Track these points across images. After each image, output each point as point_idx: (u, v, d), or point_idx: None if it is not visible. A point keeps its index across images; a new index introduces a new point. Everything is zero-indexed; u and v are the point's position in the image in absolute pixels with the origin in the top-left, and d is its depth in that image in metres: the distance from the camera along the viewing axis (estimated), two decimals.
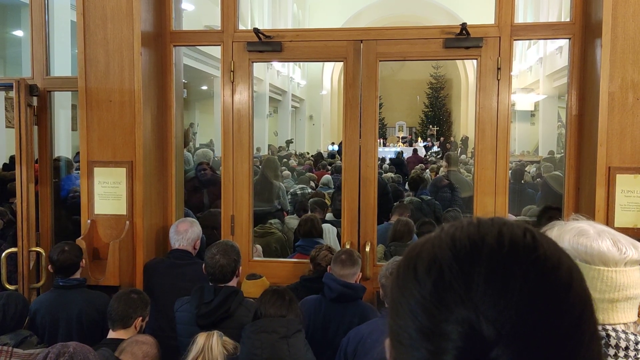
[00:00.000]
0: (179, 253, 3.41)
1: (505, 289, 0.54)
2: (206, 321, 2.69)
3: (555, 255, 0.59)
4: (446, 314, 0.55)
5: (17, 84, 3.52)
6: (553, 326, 0.54)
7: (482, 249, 0.58)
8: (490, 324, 0.53)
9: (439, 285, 0.57)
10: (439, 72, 28.11)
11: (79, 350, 1.95)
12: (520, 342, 0.53)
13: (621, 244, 1.16)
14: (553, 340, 0.54)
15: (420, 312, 0.57)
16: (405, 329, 0.58)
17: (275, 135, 20.19)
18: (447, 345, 0.54)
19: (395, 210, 5.14)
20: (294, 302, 2.58)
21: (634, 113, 3.13)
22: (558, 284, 0.57)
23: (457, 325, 0.54)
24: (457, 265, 0.57)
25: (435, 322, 0.56)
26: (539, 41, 16.00)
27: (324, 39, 3.70)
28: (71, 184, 4.84)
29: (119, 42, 3.49)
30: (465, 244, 0.59)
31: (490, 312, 0.54)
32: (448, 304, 0.55)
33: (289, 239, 5.07)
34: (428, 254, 0.61)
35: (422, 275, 0.59)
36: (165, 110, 3.80)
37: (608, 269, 1.15)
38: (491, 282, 0.55)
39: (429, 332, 0.56)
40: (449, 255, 0.58)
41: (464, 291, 0.55)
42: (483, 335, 0.53)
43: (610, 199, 3.14)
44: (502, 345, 0.53)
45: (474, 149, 3.66)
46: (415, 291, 0.59)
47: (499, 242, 0.58)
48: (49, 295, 3.21)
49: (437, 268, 0.58)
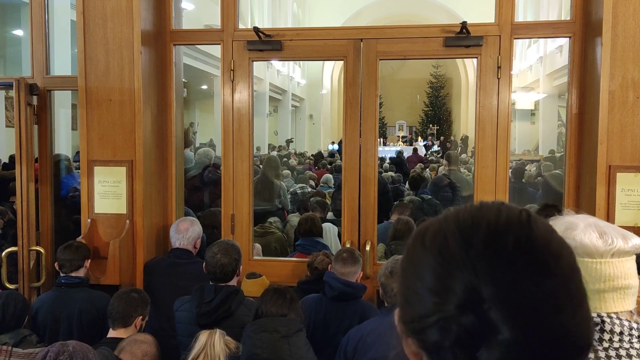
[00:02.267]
0: (179, 252, 3.41)
1: (500, 252, 0.62)
2: (206, 320, 2.69)
3: (548, 230, 0.67)
4: (450, 272, 0.63)
5: (17, 83, 3.51)
6: (540, 286, 0.61)
7: (482, 221, 0.66)
8: (486, 281, 0.61)
9: (443, 249, 0.65)
10: (439, 71, 28.09)
11: (78, 349, 1.95)
12: (510, 299, 0.60)
13: (608, 236, 1.18)
14: (539, 300, 0.60)
15: (428, 273, 0.65)
16: (414, 289, 0.67)
17: (276, 135, 20.19)
18: (450, 297, 0.62)
19: (395, 209, 5.14)
20: (295, 301, 2.57)
21: (634, 112, 3.13)
22: (548, 252, 0.64)
23: (459, 282, 0.62)
24: (459, 234, 0.66)
25: (440, 280, 0.64)
26: (539, 40, 15.99)
27: (324, 38, 3.70)
28: (71, 183, 4.83)
29: (119, 41, 3.49)
30: (467, 218, 0.68)
31: (486, 272, 0.61)
32: (451, 264, 0.64)
33: (289, 238, 5.07)
34: (435, 227, 0.70)
35: (429, 244, 0.68)
36: (165, 109, 3.80)
37: (592, 260, 1.17)
38: (488, 246, 0.63)
39: (435, 288, 0.64)
40: (452, 226, 0.67)
41: (465, 253, 0.63)
42: (480, 290, 0.61)
43: (610, 197, 3.14)
44: (495, 300, 0.60)
45: (474, 148, 3.66)
46: (423, 257, 0.67)
47: (497, 215, 0.67)
48: (51, 293, 3.21)
49: (442, 236, 0.67)
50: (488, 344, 0.60)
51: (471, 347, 0.60)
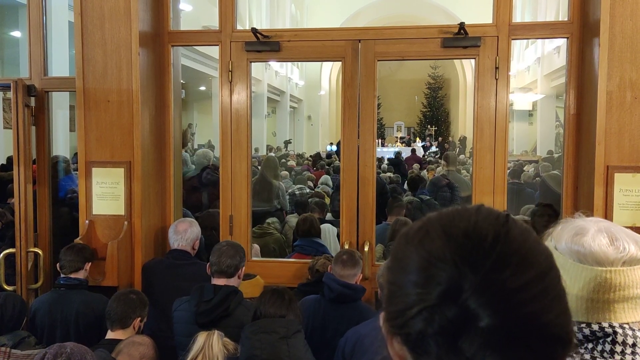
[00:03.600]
0: (177, 253, 3.41)
1: (479, 244, 0.65)
2: (205, 319, 2.68)
3: (526, 230, 0.69)
4: (432, 263, 0.65)
5: (15, 84, 3.51)
6: (517, 275, 0.63)
7: (462, 217, 0.69)
8: (465, 272, 0.63)
9: (426, 242, 0.68)
10: (437, 72, 28.10)
11: (76, 351, 1.95)
12: (488, 288, 0.62)
13: (620, 242, 1.11)
14: (516, 288, 0.62)
15: (411, 267, 0.68)
16: (399, 285, 0.69)
17: (274, 136, 20.19)
18: (433, 287, 0.64)
19: (393, 210, 5.14)
20: (294, 301, 2.57)
21: (632, 112, 3.13)
22: (525, 247, 0.66)
23: (440, 272, 0.64)
24: (440, 228, 0.69)
25: (424, 271, 0.66)
26: (537, 41, 16.01)
27: (322, 39, 3.70)
28: (69, 184, 4.83)
29: (117, 42, 3.49)
30: (449, 214, 0.71)
31: (465, 262, 0.64)
32: (432, 254, 0.66)
33: (288, 239, 5.07)
34: (417, 224, 0.73)
35: (412, 238, 0.71)
36: (164, 110, 3.80)
37: (602, 269, 1.10)
38: (467, 238, 0.66)
39: (419, 281, 0.66)
40: (435, 222, 0.71)
41: (446, 245, 0.66)
42: (460, 280, 0.63)
43: (608, 198, 3.14)
44: (474, 288, 0.62)
45: (473, 148, 3.66)
46: (407, 251, 0.70)
47: (477, 211, 0.70)
48: (50, 295, 3.21)
49: (424, 231, 0.70)
50: (469, 332, 0.61)
51: (453, 335, 0.62)
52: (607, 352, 1.07)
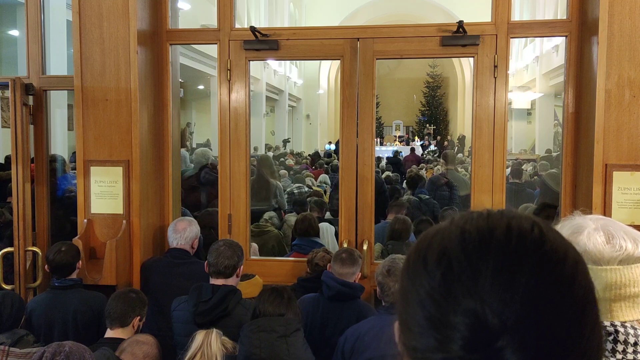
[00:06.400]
0: (176, 252, 3.40)
1: (512, 283, 0.56)
2: (204, 319, 2.68)
3: (562, 248, 0.61)
4: (454, 305, 0.57)
5: (13, 83, 3.50)
6: (556, 319, 0.56)
7: (490, 243, 0.59)
8: (495, 316, 0.55)
9: (448, 277, 0.59)
10: (436, 71, 28.12)
11: (75, 350, 1.95)
12: (523, 334, 0.55)
13: (616, 240, 1.11)
14: (555, 333, 0.55)
15: (429, 302, 0.59)
16: (414, 317, 0.61)
17: (272, 135, 20.18)
18: (454, 335, 0.56)
19: (392, 208, 5.15)
20: (293, 300, 2.57)
21: (631, 110, 3.13)
22: (562, 278, 0.58)
23: (464, 317, 0.56)
24: (465, 259, 0.59)
25: (443, 313, 0.58)
26: (535, 40, 16.01)
27: (320, 37, 3.70)
28: (64, 185, 4.82)
29: (115, 40, 3.48)
30: (474, 237, 0.61)
31: (496, 305, 0.55)
32: (456, 295, 0.57)
33: (287, 237, 5.07)
34: (438, 245, 0.63)
35: (432, 267, 0.61)
36: (162, 109, 3.79)
37: (598, 268, 1.10)
38: (498, 276, 0.57)
39: (437, 321, 0.58)
40: (458, 248, 0.60)
41: (472, 284, 0.57)
42: (488, 327, 0.55)
43: (607, 196, 3.14)
44: (507, 336, 0.54)
45: (471, 147, 3.66)
46: (425, 282, 0.61)
47: (507, 236, 0.60)
48: (45, 295, 3.20)
49: (446, 260, 0.60)
50: None
51: None
52: (608, 351, 1.06)
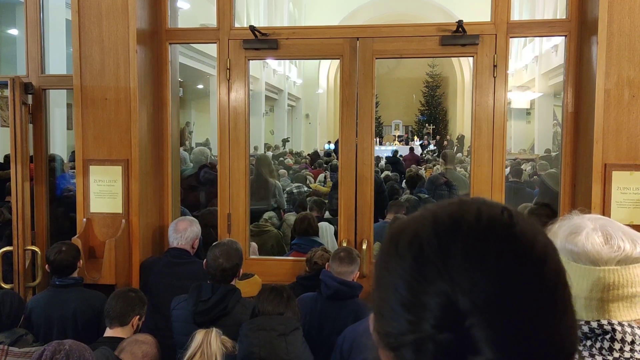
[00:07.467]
0: (176, 252, 3.40)
1: (481, 263, 0.57)
2: (203, 318, 2.68)
3: (531, 232, 0.61)
4: (425, 286, 0.58)
5: (12, 82, 3.50)
6: (524, 299, 0.57)
7: (461, 226, 0.60)
8: (465, 295, 0.56)
9: (419, 259, 0.60)
10: (435, 71, 28.12)
11: (74, 348, 1.95)
12: (492, 313, 0.56)
13: (615, 240, 1.10)
14: (524, 313, 0.56)
15: (401, 285, 0.60)
16: (387, 302, 0.61)
17: (272, 134, 20.18)
18: (425, 315, 0.57)
19: (391, 208, 5.16)
20: (292, 299, 2.57)
21: (630, 110, 3.13)
22: (532, 260, 0.59)
23: (435, 297, 0.57)
24: (436, 241, 0.60)
25: (415, 294, 0.59)
26: (535, 39, 16.01)
27: (320, 37, 3.70)
28: (63, 184, 4.82)
29: (114, 39, 3.48)
30: (445, 221, 0.62)
31: (465, 285, 0.56)
32: (427, 276, 0.58)
33: (286, 237, 5.07)
34: (410, 230, 0.64)
35: (404, 250, 0.62)
36: (161, 108, 3.79)
37: (595, 268, 1.09)
38: (468, 256, 0.58)
39: (410, 303, 0.59)
40: (429, 231, 0.61)
41: (442, 265, 0.58)
42: (458, 306, 0.56)
43: (606, 196, 3.14)
44: (476, 315, 0.55)
45: (471, 147, 3.66)
46: (397, 265, 0.62)
47: (477, 219, 0.61)
48: (45, 294, 3.20)
49: (417, 243, 0.61)
50: None
51: None
52: (605, 350, 1.06)
